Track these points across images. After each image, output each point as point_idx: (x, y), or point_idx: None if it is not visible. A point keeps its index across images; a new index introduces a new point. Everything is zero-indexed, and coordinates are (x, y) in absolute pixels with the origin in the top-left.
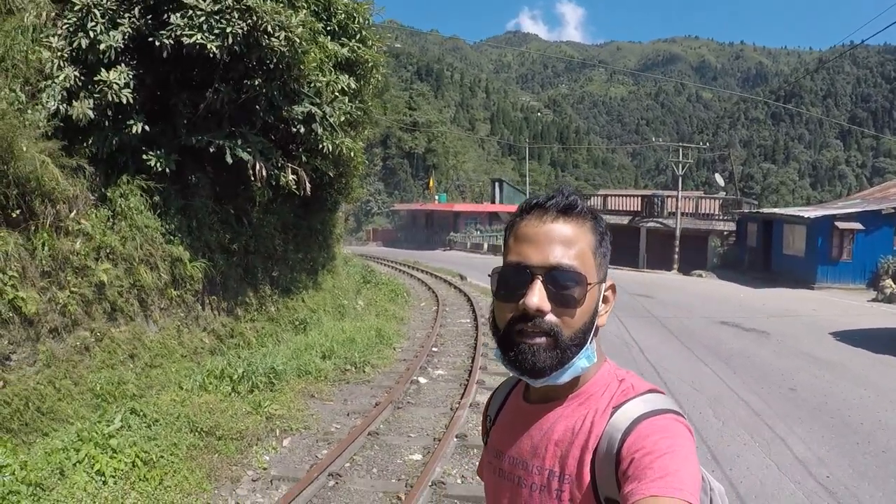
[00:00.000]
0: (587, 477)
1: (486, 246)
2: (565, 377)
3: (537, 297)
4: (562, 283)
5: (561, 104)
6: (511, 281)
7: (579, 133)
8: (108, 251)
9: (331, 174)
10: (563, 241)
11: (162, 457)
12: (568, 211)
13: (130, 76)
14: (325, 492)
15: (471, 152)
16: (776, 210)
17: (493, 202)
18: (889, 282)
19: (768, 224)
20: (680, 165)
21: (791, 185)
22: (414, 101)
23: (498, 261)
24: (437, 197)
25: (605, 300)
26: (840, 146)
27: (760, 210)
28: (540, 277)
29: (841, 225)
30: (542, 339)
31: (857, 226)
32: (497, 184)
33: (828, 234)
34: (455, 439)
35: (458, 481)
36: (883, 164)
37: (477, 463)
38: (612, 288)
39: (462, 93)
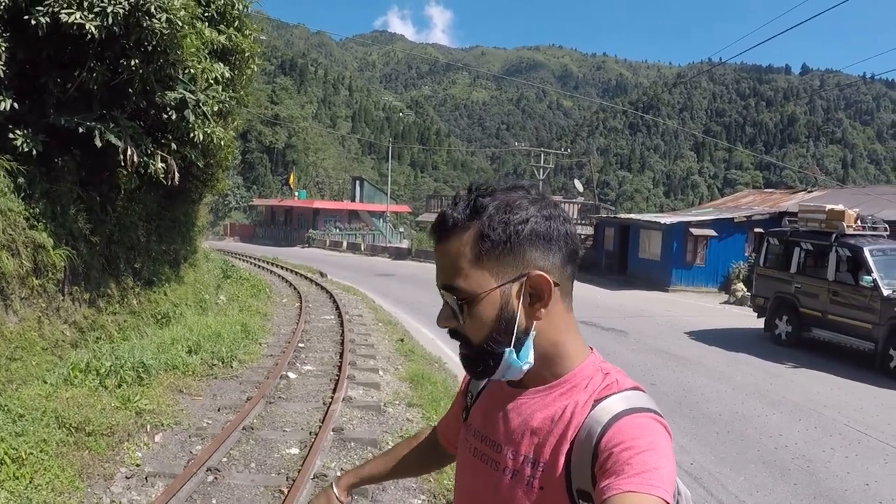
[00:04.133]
0: (561, 467)
1: (345, 244)
2: (498, 376)
3: (440, 315)
4: (453, 301)
5: (423, 105)
6: None
7: (440, 135)
8: None
9: (199, 164)
10: (444, 262)
11: (31, 454)
12: (441, 231)
13: (3, 48)
14: (204, 487)
15: (331, 149)
16: (633, 215)
17: (353, 200)
18: (740, 285)
19: (625, 229)
20: (541, 170)
21: (645, 193)
22: (276, 94)
23: (357, 259)
24: (296, 193)
25: (537, 297)
26: (694, 157)
27: (618, 215)
28: (444, 296)
29: (695, 231)
30: (464, 349)
31: (711, 232)
32: (357, 182)
33: (683, 239)
34: (332, 433)
35: (338, 474)
36: (734, 176)
37: (356, 456)
38: (538, 281)
39: (325, 89)
